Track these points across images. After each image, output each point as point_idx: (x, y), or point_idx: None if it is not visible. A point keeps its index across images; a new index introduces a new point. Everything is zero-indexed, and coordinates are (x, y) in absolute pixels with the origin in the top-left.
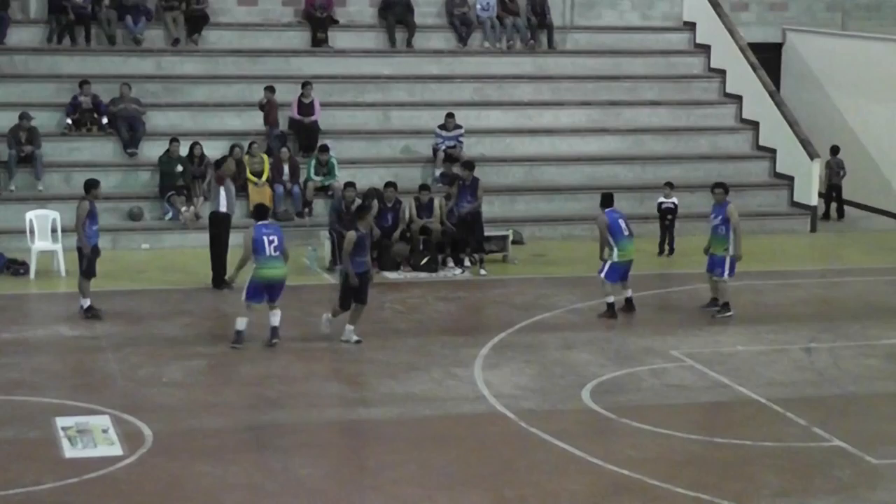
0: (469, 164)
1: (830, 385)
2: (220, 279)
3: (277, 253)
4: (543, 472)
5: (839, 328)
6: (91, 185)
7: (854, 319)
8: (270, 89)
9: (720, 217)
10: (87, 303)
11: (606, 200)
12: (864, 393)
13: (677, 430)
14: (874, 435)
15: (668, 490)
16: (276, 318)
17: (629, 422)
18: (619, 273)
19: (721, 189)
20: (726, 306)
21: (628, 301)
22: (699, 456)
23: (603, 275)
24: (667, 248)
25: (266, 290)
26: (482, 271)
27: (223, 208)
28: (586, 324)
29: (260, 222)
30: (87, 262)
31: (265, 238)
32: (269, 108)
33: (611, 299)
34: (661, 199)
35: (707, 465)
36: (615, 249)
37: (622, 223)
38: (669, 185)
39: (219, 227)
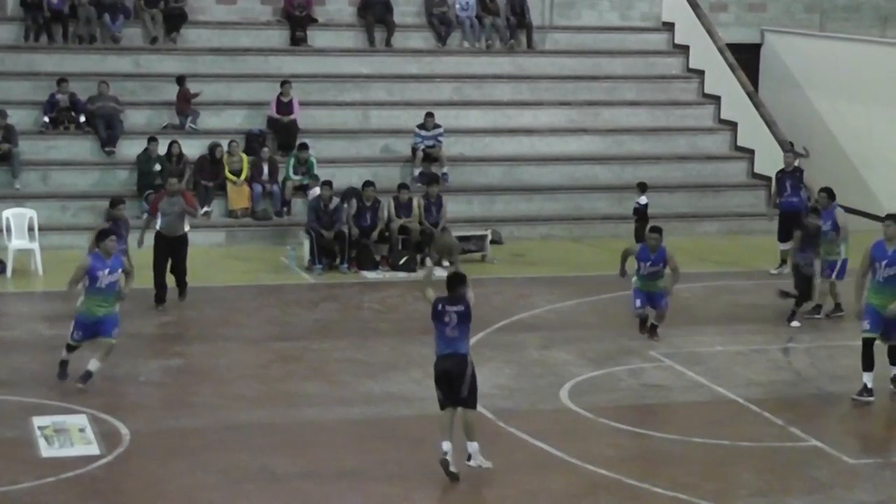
0: (434, 178)
1: (808, 385)
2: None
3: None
4: (521, 471)
5: (817, 328)
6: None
7: (832, 319)
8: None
9: (829, 222)
10: None
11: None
12: (842, 393)
13: (655, 429)
14: (851, 435)
15: (645, 490)
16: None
17: (607, 421)
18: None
19: (825, 193)
20: (817, 308)
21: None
22: (677, 456)
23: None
24: None
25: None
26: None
27: (159, 227)
28: (565, 324)
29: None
30: None
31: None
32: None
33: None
34: (638, 200)
35: (685, 464)
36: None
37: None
38: (642, 185)
39: (159, 247)
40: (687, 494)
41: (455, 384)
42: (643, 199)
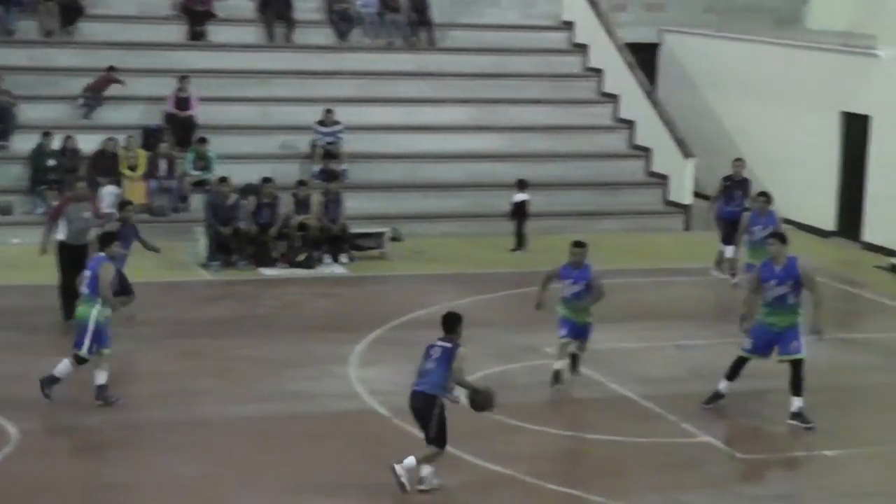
0: (334, 175)
1: (702, 382)
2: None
3: (87, 290)
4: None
5: (712, 325)
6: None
7: (726, 316)
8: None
9: (771, 227)
10: None
11: None
12: (734, 389)
13: (551, 426)
14: (742, 431)
15: (540, 486)
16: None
17: (503, 418)
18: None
19: (764, 198)
20: None
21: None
22: (572, 452)
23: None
24: (519, 241)
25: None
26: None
27: (61, 236)
28: (464, 320)
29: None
30: None
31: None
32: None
33: None
34: (515, 197)
35: (579, 461)
36: None
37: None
38: (521, 182)
39: (65, 258)
40: (581, 491)
41: (424, 422)
42: (520, 196)
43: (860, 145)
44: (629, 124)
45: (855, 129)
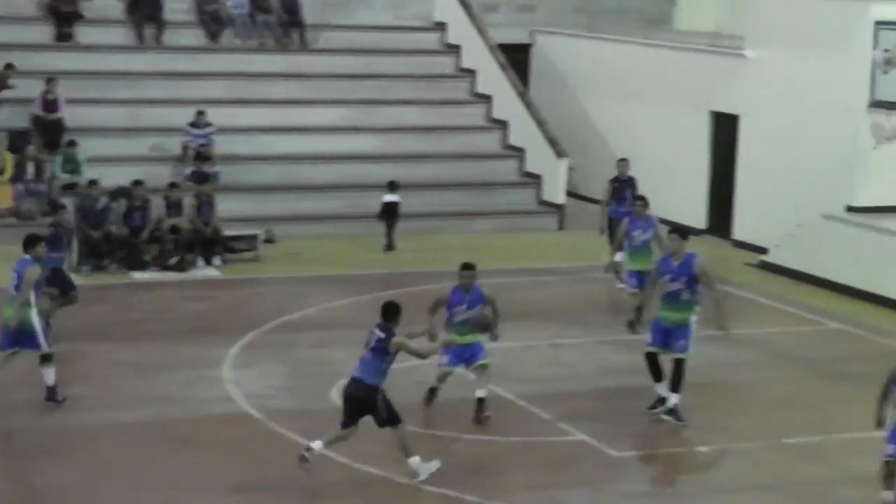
0: (205, 177)
1: (577, 380)
2: None
3: (14, 292)
4: (294, 471)
5: (586, 324)
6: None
7: (601, 315)
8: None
9: (651, 230)
10: None
11: None
12: (608, 387)
13: (427, 427)
14: (616, 429)
15: (415, 487)
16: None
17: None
18: None
19: (642, 201)
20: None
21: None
22: (448, 452)
23: None
24: (389, 241)
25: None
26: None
27: None
28: (338, 322)
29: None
30: None
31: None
32: None
33: None
34: (386, 197)
35: (456, 461)
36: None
37: None
38: (392, 183)
39: None
40: (456, 491)
41: (367, 413)
42: (391, 197)
43: (729, 144)
44: (502, 124)
45: (724, 129)
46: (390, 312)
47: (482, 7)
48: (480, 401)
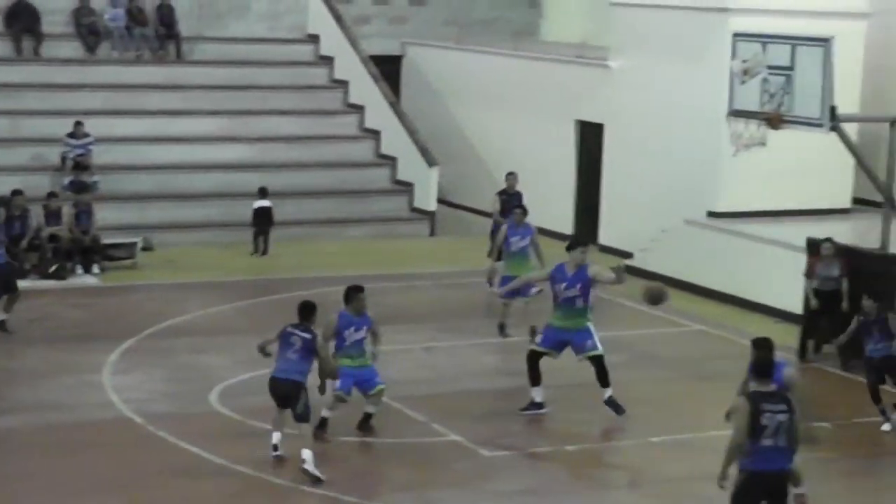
0: (84, 186)
1: (449, 382)
2: None
3: None
4: (173, 474)
5: (457, 327)
6: None
7: (471, 318)
8: None
9: (528, 237)
10: None
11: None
12: (480, 389)
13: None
14: (488, 429)
15: (294, 489)
16: None
17: (256, 423)
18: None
19: (521, 210)
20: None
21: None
22: (325, 454)
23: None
24: (262, 246)
25: None
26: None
27: None
28: (216, 328)
29: None
30: None
31: None
32: None
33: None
34: (256, 203)
35: (332, 462)
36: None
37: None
38: (263, 189)
39: None
40: (335, 492)
41: (290, 404)
42: (262, 203)
43: (595, 152)
44: (375, 134)
45: (590, 137)
46: (307, 312)
47: (354, 19)
48: (370, 416)
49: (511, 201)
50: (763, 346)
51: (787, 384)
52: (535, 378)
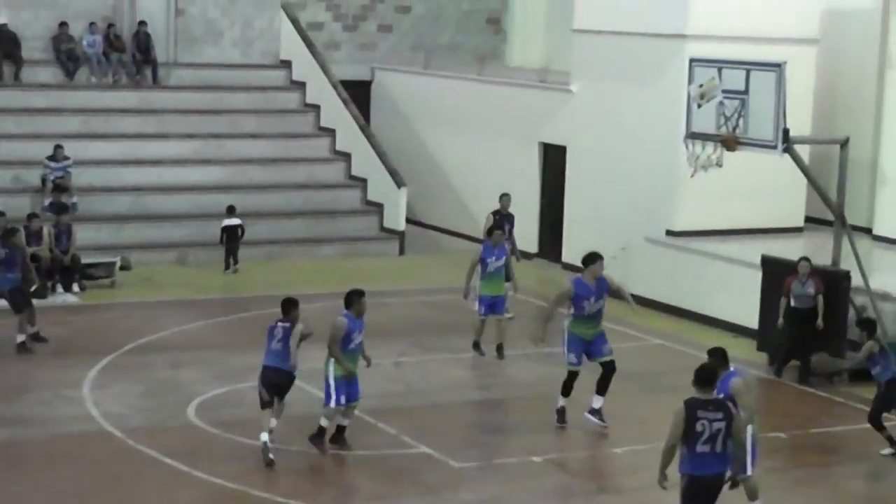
0: (64, 207)
1: (418, 396)
2: None
3: None
4: (151, 487)
5: (426, 343)
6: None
7: (440, 334)
8: None
9: (504, 257)
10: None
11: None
12: (448, 402)
13: (278, 442)
14: (456, 441)
15: (268, 499)
16: None
17: (232, 436)
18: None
19: (500, 231)
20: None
21: None
22: (298, 466)
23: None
24: (232, 263)
25: None
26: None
27: None
28: (192, 344)
29: None
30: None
31: None
32: None
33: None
34: (225, 222)
35: (305, 474)
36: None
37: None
38: (231, 208)
39: None
40: (307, 502)
41: (280, 393)
42: (230, 221)
43: (558, 173)
44: (346, 156)
45: (553, 159)
46: (289, 307)
47: (325, 45)
48: (344, 429)
49: (502, 221)
50: (715, 355)
51: (732, 393)
52: (569, 391)
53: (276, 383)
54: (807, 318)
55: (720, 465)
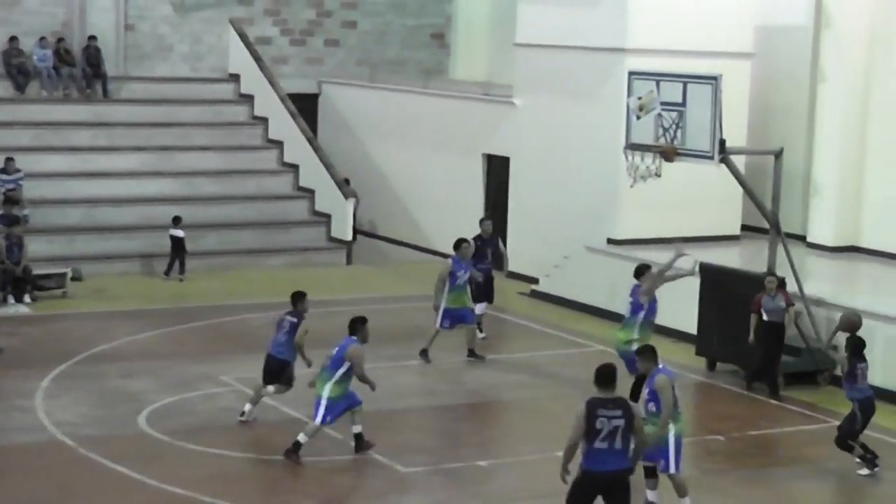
0: (15, 220)
1: (365, 403)
2: None
3: None
4: (103, 494)
5: (373, 351)
6: None
7: (388, 342)
8: None
9: (469, 272)
10: None
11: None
12: (396, 408)
13: (228, 449)
14: (403, 446)
15: None
16: None
17: (184, 444)
18: None
19: (468, 243)
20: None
21: None
22: (248, 473)
23: None
24: (178, 269)
25: None
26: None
27: None
28: (143, 353)
29: None
30: None
31: None
32: None
33: None
34: (171, 232)
35: (255, 480)
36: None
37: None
38: (177, 218)
39: None
40: None
41: (276, 380)
42: (178, 232)
43: (502, 184)
44: (294, 168)
45: (497, 170)
46: (297, 299)
47: (273, 60)
48: (360, 434)
49: (485, 247)
50: (643, 353)
51: (655, 388)
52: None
53: (275, 370)
54: (779, 331)
55: (616, 461)
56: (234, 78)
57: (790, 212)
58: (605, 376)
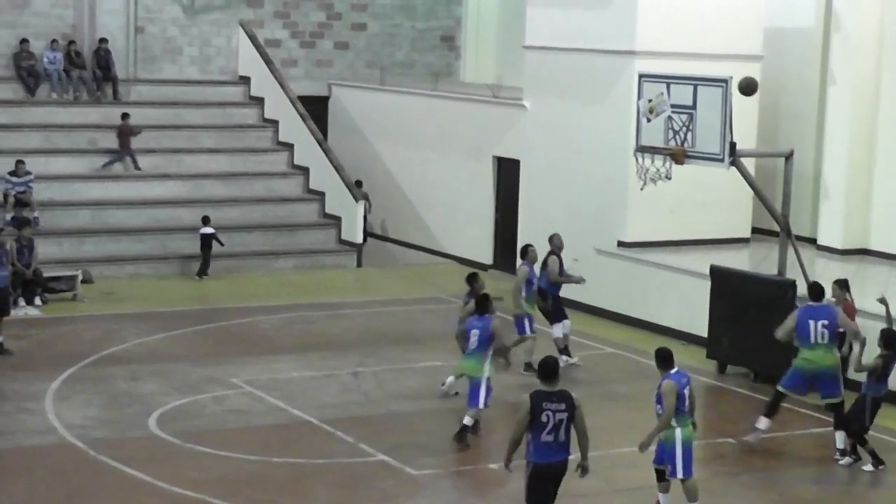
0: (25, 222)
1: (375, 405)
2: None
3: None
4: (113, 496)
5: (383, 353)
6: None
7: (396, 345)
8: None
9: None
10: None
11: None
12: (405, 411)
13: (237, 451)
14: (413, 448)
15: None
16: None
17: (193, 446)
18: None
19: (533, 247)
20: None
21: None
22: (257, 474)
23: None
24: (200, 268)
25: None
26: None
27: None
28: (152, 356)
29: None
30: None
31: None
32: None
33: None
34: (202, 230)
35: (264, 482)
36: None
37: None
38: (205, 218)
39: None
40: None
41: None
42: (208, 230)
43: (512, 186)
44: (304, 171)
45: (507, 172)
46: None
47: (283, 62)
48: (466, 427)
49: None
50: (658, 355)
51: (660, 392)
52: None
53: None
54: None
55: (562, 453)
56: (245, 80)
57: (800, 214)
58: (548, 369)
